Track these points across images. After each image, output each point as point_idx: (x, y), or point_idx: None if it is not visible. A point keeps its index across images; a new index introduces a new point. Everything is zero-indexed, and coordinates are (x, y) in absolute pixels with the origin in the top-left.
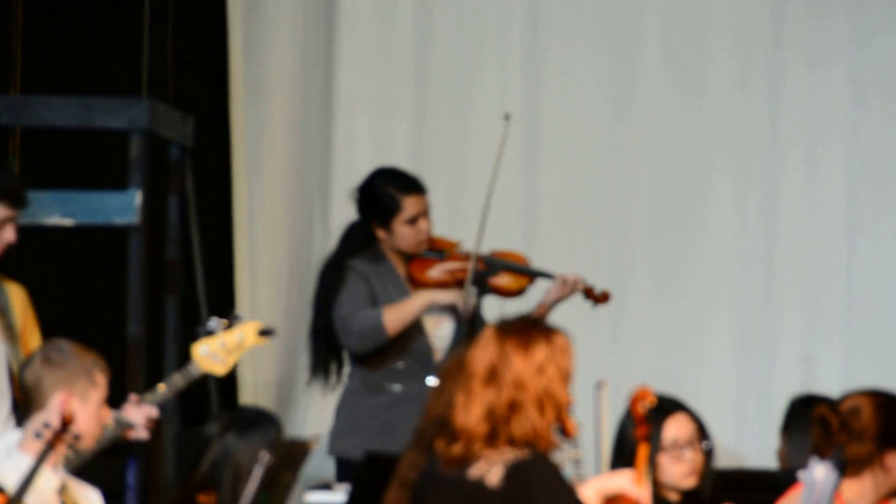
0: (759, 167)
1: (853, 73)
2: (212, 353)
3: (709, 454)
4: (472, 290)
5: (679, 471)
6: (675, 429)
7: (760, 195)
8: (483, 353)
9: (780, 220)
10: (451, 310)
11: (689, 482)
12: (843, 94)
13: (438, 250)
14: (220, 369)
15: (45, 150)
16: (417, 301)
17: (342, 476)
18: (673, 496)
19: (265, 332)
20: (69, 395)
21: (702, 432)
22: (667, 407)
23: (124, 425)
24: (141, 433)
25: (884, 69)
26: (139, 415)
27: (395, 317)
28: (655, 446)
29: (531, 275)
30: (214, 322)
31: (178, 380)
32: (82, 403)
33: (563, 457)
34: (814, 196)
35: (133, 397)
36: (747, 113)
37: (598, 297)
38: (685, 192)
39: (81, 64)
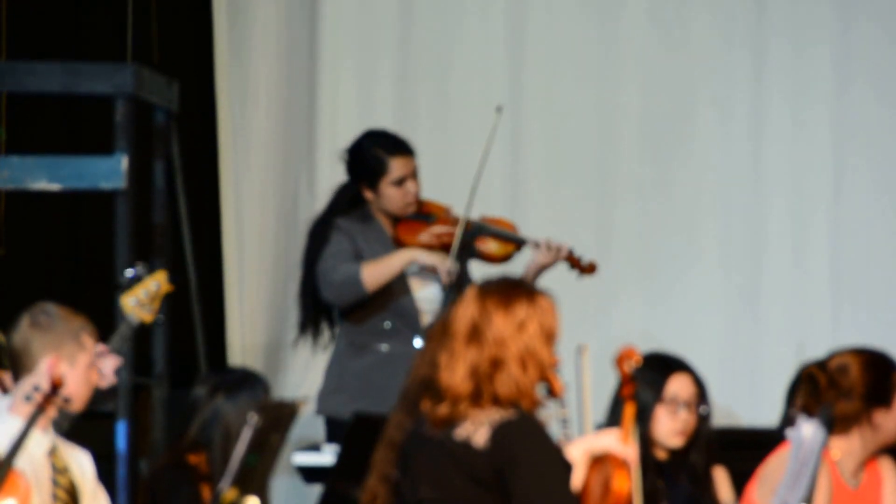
0: (744, 125)
1: (838, 2)
2: (140, 303)
3: (704, 419)
4: (456, 257)
5: (670, 427)
6: (678, 385)
7: (746, 153)
8: (465, 311)
9: (766, 178)
10: (433, 272)
11: (677, 441)
12: (827, 23)
13: (427, 214)
14: (149, 317)
15: (31, 116)
16: (398, 258)
17: (331, 435)
18: (661, 455)
19: (173, 280)
20: (58, 359)
21: (701, 397)
22: (675, 363)
23: None
24: (108, 381)
25: None
26: (107, 365)
27: (374, 272)
28: (652, 401)
29: (518, 242)
30: (138, 269)
31: (124, 331)
32: (71, 367)
33: (550, 416)
34: (799, 148)
35: (100, 348)
36: (732, 68)
37: (584, 268)
38: (671, 153)
39: (66, 29)
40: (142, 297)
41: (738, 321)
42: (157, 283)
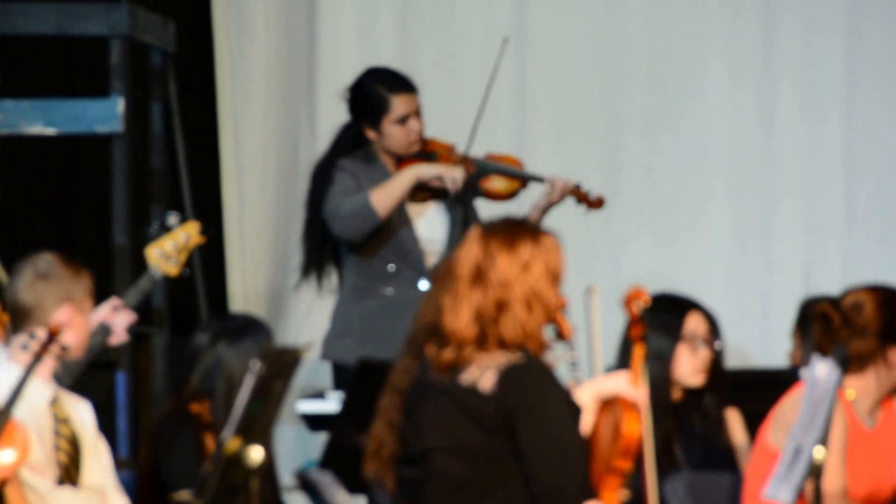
0: (754, 61)
1: None
2: (165, 255)
3: (719, 355)
4: (460, 196)
5: (692, 365)
6: (695, 322)
7: (756, 90)
8: (468, 253)
9: (776, 114)
10: (440, 193)
11: (698, 379)
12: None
13: (430, 152)
14: (174, 270)
15: (24, 59)
16: (403, 177)
17: (338, 381)
18: (676, 394)
19: (204, 231)
20: (72, 309)
21: (714, 332)
22: (686, 302)
23: (108, 332)
24: (121, 337)
25: None
26: (121, 320)
27: (382, 195)
28: (671, 342)
29: (523, 178)
30: (169, 218)
31: (144, 284)
32: (80, 315)
33: (559, 359)
34: (811, 89)
35: (115, 302)
36: (741, 7)
37: (591, 202)
38: (679, 90)
39: None
40: (168, 249)
41: (748, 260)
42: (185, 234)
